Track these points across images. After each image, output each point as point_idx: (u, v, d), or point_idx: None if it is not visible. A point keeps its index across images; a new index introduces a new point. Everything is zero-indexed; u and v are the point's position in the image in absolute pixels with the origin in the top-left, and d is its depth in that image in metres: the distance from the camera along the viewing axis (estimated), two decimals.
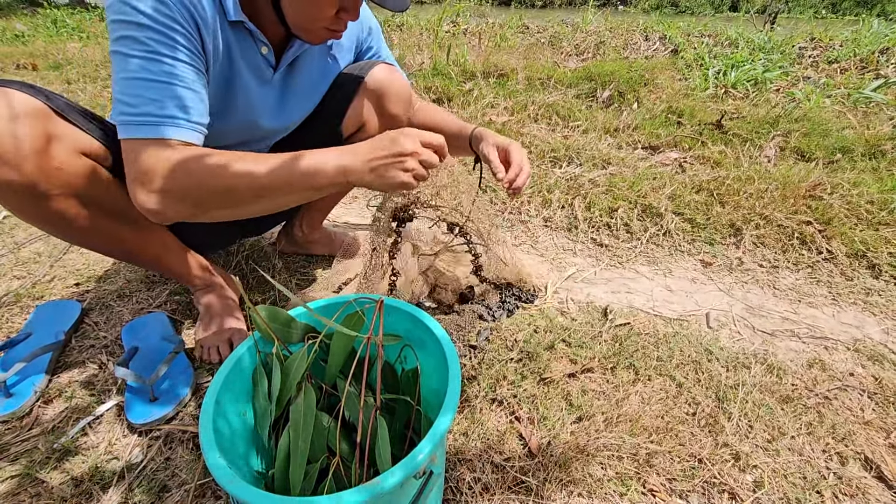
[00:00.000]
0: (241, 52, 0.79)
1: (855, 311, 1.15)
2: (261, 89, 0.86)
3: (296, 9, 0.75)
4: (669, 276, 1.28)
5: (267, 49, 0.82)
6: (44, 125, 0.70)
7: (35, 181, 0.71)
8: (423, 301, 1.14)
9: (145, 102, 0.66)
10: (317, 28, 0.77)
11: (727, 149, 1.87)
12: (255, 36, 0.79)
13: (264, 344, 0.61)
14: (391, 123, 1.07)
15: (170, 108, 0.67)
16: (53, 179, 0.72)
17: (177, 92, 0.68)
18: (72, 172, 0.74)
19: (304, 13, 0.75)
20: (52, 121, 0.72)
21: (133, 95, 0.66)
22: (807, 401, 0.89)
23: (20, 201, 0.74)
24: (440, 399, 0.55)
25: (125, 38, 0.65)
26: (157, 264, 0.96)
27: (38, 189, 0.72)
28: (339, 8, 0.74)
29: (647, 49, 3.23)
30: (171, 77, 0.67)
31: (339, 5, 0.74)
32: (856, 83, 2.44)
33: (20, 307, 1.11)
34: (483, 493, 0.72)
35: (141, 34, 0.65)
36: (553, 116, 2.23)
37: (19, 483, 0.73)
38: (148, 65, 0.66)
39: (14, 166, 0.68)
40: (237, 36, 0.78)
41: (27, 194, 0.72)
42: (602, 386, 0.91)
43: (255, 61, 0.82)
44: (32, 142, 0.69)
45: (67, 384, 0.91)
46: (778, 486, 0.74)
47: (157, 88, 0.66)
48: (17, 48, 3.98)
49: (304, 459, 0.54)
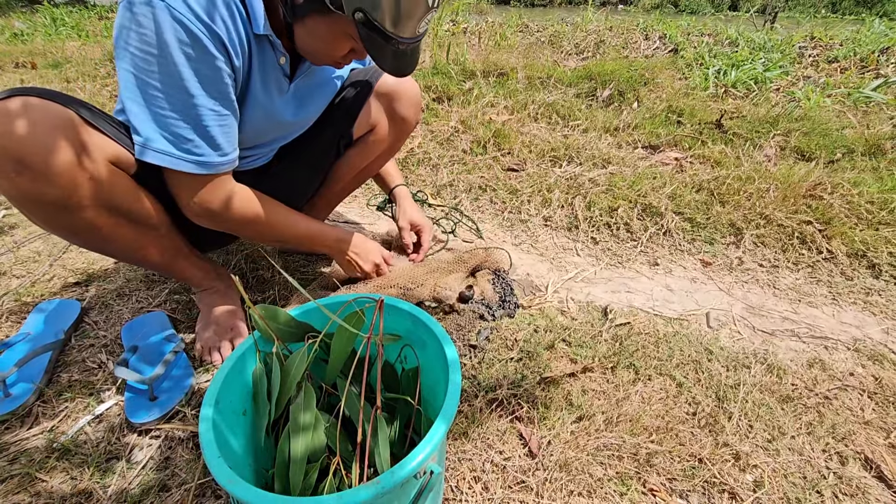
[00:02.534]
0: (261, 63, 0.80)
1: (855, 310, 1.15)
2: (276, 97, 0.87)
3: (306, 41, 0.78)
4: (669, 276, 1.28)
5: (285, 59, 0.83)
6: (76, 136, 0.69)
7: (69, 194, 0.70)
8: (424, 301, 1.14)
9: (185, 141, 0.73)
10: (324, 59, 0.82)
11: (727, 148, 1.87)
12: (275, 47, 0.80)
13: (264, 344, 0.61)
14: (401, 126, 1.09)
15: (212, 146, 0.76)
16: (86, 191, 0.72)
17: (216, 131, 0.75)
18: (103, 182, 0.74)
19: (317, 49, 0.79)
20: (84, 130, 0.71)
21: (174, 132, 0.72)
22: (807, 400, 0.89)
23: (51, 214, 0.74)
24: (440, 399, 0.54)
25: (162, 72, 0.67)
26: (167, 267, 0.97)
27: (71, 201, 0.71)
28: (350, 49, 0.78)
29: (647, 48, 3.22)
30: (212, 114, 0.74)
31: (349, 47, 0.78)
32: (856, 83, 2.44)
33: (20, 306, 1.11)
34: (483, 493, 0.72)
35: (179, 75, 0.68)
36: (553, 115, 2.23)
37: (19, 483, 0.73)
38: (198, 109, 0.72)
39: (48, 180, 0.68)
40: (259, 48, 0.78)
41: (59, 207, 0.72)
42: (602, 385, 0.91)
43: (273, 72, 0.83)
44: (66, 154, 0.68)
45: (67, 383, 0.91)
46: (778, 486, 0.74)
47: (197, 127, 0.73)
48: (16, 47, 3.97)
49: (304, 459, 0.54)
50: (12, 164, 0.66)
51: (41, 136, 0.66)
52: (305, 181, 1.11)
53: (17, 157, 0.65)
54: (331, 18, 0.72)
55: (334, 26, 0.74)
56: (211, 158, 0.76)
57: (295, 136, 1.01)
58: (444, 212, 1.60)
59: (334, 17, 0.71)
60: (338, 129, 1.06)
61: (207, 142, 0.75)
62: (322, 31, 0.75)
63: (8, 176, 0.67)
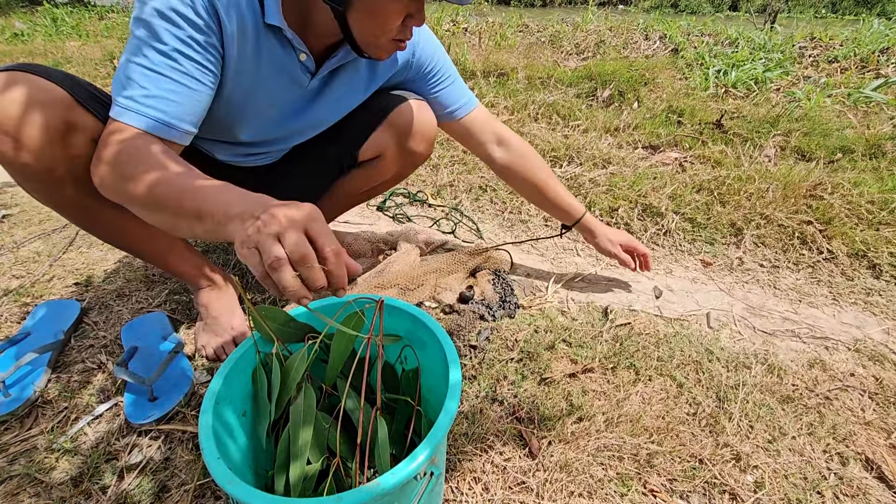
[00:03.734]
0: (272, 56, 0.78)
1: (855, 311, 1.15)
2: (290, 93, 0.86)
3: (363, 25, 0.74)
4: (670, 276, 1.28)
5: (306, 56, 0.81)
6: (65, 114, 0.71)
7: (51, 167, 0.72)
8: (424, 301, 1.14)
9: (138, 88, 0.65)
10: (384, 42, 0.77)
11: (727, 148, 1.86)
12: (293, 43, 0.78)
13: (264, 344, 0.60)
14: (410, 159, 1.08)
15: (159, 103, 0.66)
16: (69, 167, 0.74)
17: (170, 87, 0.67)
18: (88, 161, 0.73)
19: (372, 27, 0.75)
20: (74, 110, 0.72)
21: (129, 79, 0.65)
22: (807, 401, 0.89)
23: (37, 184, 0.76)
24: (441, 399, 0.54)
25: (141, 20, 0.65)
26: (162, 261, 0.96)
27: (54, 175, 0.73)
28: (406, 14, 0.74)
29: (647, 48, 3.22)
30: (171, 70, 0.67)
31: (405, 12, 0.74)
32: (856, 83, 2.44)
33: (19, 306, 1.11)
34: (483, 494, 0.72)
35: (156, 22, 0.65)
36: (553, 116, 2.22)
37: (19, 483, 0.73)
38: (150, 52, 0.65)
39: (31, 151, 0.70)
40: (272, 40, 0.77)
41: (43, 179, 0.74)
42: (602, 386, 0.91)
43: (289, 66, 0.81)
44: (51, 130, 0.70)
45: (67, 384, 0.91)
46: (778, 487, 0.74)
47: (152, 79, 0.65)
48: (17, 47, 3.97)
49: (304, 460, 0.54)
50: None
51: (24, 110, 0.67)
52: (302, 194, 1.11)
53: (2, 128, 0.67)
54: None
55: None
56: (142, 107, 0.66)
57: (306, 138, 0.99)
58: (445, 212, 1.60)
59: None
60: (342, 149, 1.05)
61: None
62: (370, 3, 0.71)
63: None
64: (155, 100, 0.66)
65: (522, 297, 1.16)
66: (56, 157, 0.72)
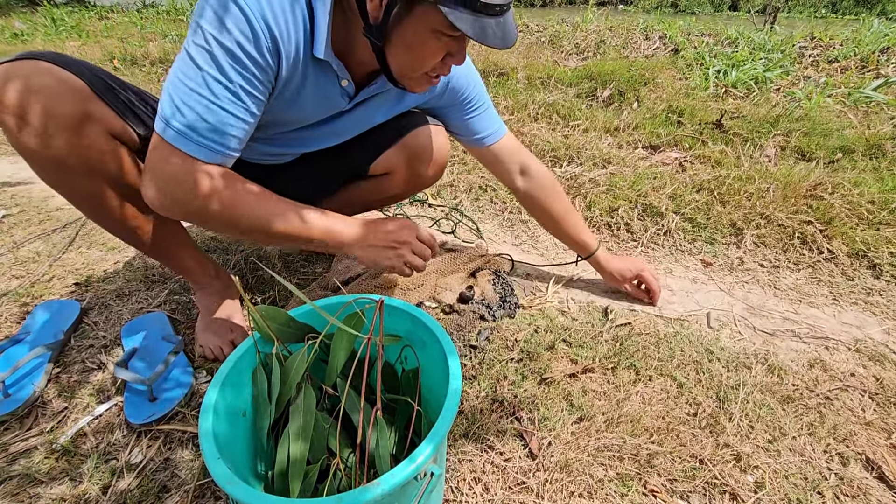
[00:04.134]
0: (316, 82, 0.79)
1: (856, 311, 1.15)
2: (324, 113, 0.87)
3: (401, 60, 0.74)
4: (670, 276, 1.28)
5: (347, 82, 0.81)
6: (81, 105, 0.72)
7: (63, 157, 0.73)
8: (424, 301, 1.14)
9: (200, 121, 0.67)
10: (420, 76, 0.77)
11: (728, 148, 1.86)
12: (337, 71, 0.79)
13: (264, 344, 0.60)
14: (418, 181, 1.10)
15: (218, 136, 0.69)
16: (82, 157, 0.74)
17: (230, 121, 0.69)
18: (101, 152, 0.76)
19: (411, 62, 0.75)
20: (90, 101, 0.73)
21: (191, 108, 0.66)
22: (808, 401, 0.89)
23: (50, 172, 0.77)
24: (441, 400, 0.54)
25: (206, 50, 0.64)
26: (167, 257, 0.96)
27: (66, 164, 0.74)
28: (446, 53, 0.74)
29: (647, 48, 3.22)
30: (233, 105, 0.68)
31: (445, 51, 0.73)
32: (856, 82, 2.44)
33: (19, 306, 1.11)
34: (483, 494, 0.72)
35: (223, 57, 0.65)
36: (553, 115, 2.22)
37: (19, 483, 0.73)
38: (216, 86, 0.66)
39: (44, 139, 0.71)
40: (318, 69, 0.77)
41: (56, 168, 0.75)
42: (603, 386, 0.91)
43: (330, 91, 0.82)
44: (66, 119, 0.71)
45: (66, 384, 0.91)
46: (779, 487, 0.74)
47: (215, 112, 0.67)
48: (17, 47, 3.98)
49: (303, 460, 0.54)
50: (15, 119, 0.69)
51: (44, 98, 0.69)
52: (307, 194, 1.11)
53: (19, 112, 0.69)
54: (415, 17, 0.68)
55: (420, 25, 0.69)
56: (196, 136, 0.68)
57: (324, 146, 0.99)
58: (445, 212, 1.60)
59: (417, 12, 0.67)
60: (354, 161, 1.06)
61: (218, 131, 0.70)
62: (409, 39, 0.71)
63: (11, 129, 0.71)
64: (218, 134, 0.68)
65: (522, 297, 1.16)
66: (71, 147, 0.73)
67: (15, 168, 1.97)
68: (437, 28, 0.69)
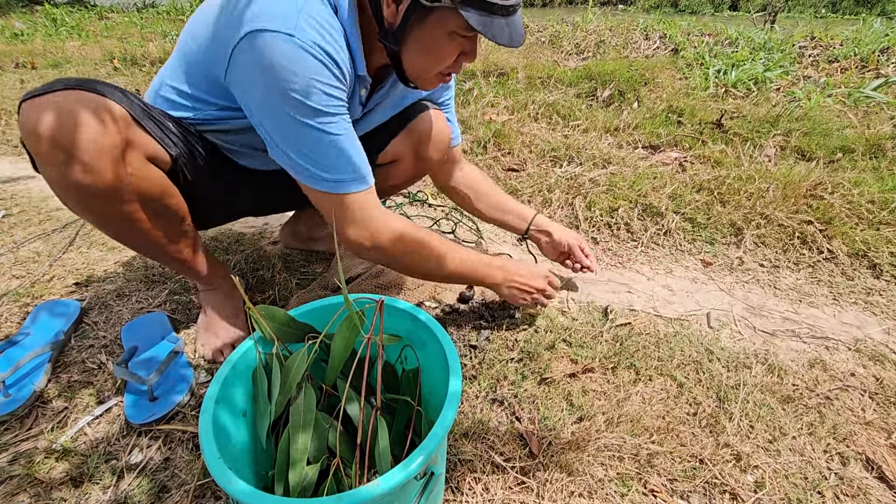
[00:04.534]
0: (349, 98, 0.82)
1: (856, 310, 1.15)
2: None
3: (418, 62, 0.78)
4: (670, 276, 1.28)
5: (365, 91, 0.85)
6: (125, 133, 0.73)
7: (112, 186, 0.74)
8: (424, 301, 1.14)
9: (342, 169, 0.76)
10: (435, 76, 0.81)
11: (728, 148, 1.86)
12: (364, 83, 0.83)
13: (264, 344, 0.60)
14: (423, 165, 1.12)
15: (361, 163, 0.79)
16: (126, 185, 0.75)
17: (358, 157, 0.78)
18: (142, 178, 0.77)
19: (426, 63, 0.78)
20: (131, 128, 0.75)
21: (331, 161, 0.75)
22: (808, 401, 0.89)
23: (92, 204, 0.78)
24: (441, 399, 0.54)
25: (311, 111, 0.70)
26: (183, 263, 0.96)
27: (112, 194, 0.75)
28: (460, 52, 0.77)
29: (647, 48, 3.22)
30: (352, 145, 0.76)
31: (459, 50, 0.77)
32: (856, 82, 2.44)
33: (19, 306, 1.11)
34: (483, 494, 0.72)
35: (326, 116, 0.72)
36: (553, 115, 2.22)
37: (19, 483, 0.73)
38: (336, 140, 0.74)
39: (95, 173, 0.71)
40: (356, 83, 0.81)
41: (101, 198, 0.75)
42: (603, 386, 0.91)
43: (354, 103, 0.85)
44: (113, 150, 0.72)
45: (67, 384, 0.91)
46: (779, 487, 0.74)
47: (348, 157, 0.76)
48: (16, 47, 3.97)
49: (303, 460, 0.54)
50: (63, 155, 0.69)
51: (90, 131, 0.69)
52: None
53: (67, 149, 0.69)
54: (432, 21, 0.72)
55: (437, 28, 0.72)
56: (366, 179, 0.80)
57: None
58: (445, 212, 1.60)
59: (435, 16, 0.71)
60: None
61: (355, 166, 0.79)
62: (426, 42, 0.74)
63: (58, 166, 0.70)
64: (363, 166, 0.79)
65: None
66: (116, 177, 0.74)
67: (15, 168, 1.97)
68: (453, 30, 0.72)
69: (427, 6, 0.70)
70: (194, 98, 0.80)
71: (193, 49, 0.77)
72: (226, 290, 1.02)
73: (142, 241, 0.89)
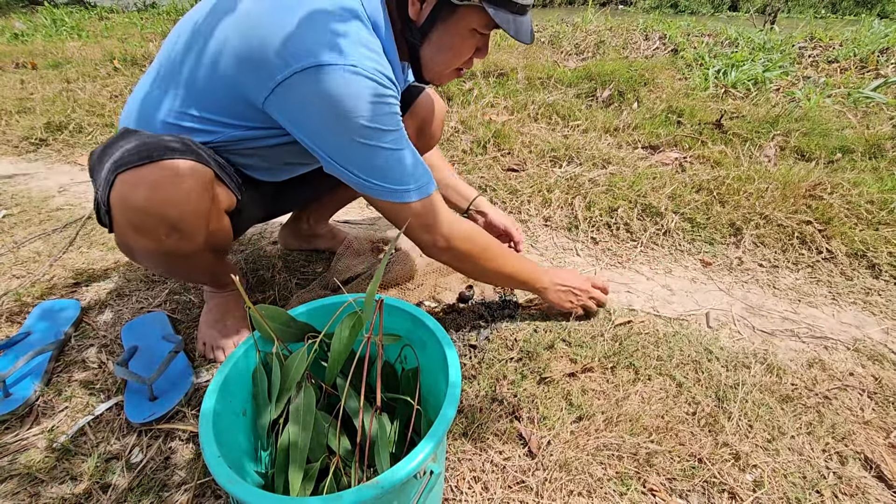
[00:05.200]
0: None
1: (855, 310, 1.15)
2: None
3: (438, 57, 0.82)
4: (669, 276, 1.28)
5: None
6: (214, 195, 0.76)
7: (198, 248, 0.77)
8: (424, 301, 1.14)
9: (412, 178, 0.78)
10: (450, 72, 0.85)
11: (727, 148, 1.87)
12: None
13: (264, 344, 0.61)
14: (427, 142, 1.16)
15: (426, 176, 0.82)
16: (208, 243, 0.79)
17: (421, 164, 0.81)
18: (219, 230, 0.81)
19: (445, 60, 0.82)
20: (217, 187, 0.78)
21: (403, 174, 0.77)
22: (807, 400, 0.89)
23: (173, 262, 0.81)
24: (440, 399, 0.55)
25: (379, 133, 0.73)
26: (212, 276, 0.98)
27: (195, 253, 0.78)
28: (476, 48, 0.82)
29: (647, 48, 3.22)
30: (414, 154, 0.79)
31: (476, 46, 0.82)
32: (856, 83, 2.44)
33: (19, 306, 1.11)
34: (483, 493, 0.72)
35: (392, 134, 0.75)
36: (553, 116, 2.23)
37: (19, 483, 0.73)
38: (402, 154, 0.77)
39: (190, 239, 0.75)
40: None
41: (183, 258, 0.79)
42: (602, 385, 0.91)
43: None
44: (207, 214, 0.75)
45: (67, 383, 0.91)
46: (778, 486, 0.74)
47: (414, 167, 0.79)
48: (17, 47, 3.97)
49: (303, 459, 0.54)
50: (166, 227, 0.72)
51: (193, 202, 0.72)
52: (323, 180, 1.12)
53: (172, 222, 0.71)
54: (457, 18, 0.76)
55: (460, 25, 0.77)
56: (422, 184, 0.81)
57: None
58: None
59: (460, 14, 0.75)
60: None
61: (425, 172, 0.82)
62: (449, 38, 0.78)
63: (158, 238, 0.72)
64: (426, 171, 0.81)
65: (522, 296, 1.17)
66: (206, 237, 0.77)
67: (15, 168, 1.97)
68: (474, 27, 0.77)
69: (455, 4, 0.74)
70: (216, 122, 0.78)
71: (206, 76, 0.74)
72: (230, 290, 1.03)
73: (190, 274, 0.92)
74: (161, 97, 0.78)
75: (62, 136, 2.21)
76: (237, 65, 0.71)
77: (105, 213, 0.72)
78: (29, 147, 2.15)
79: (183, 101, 0.76)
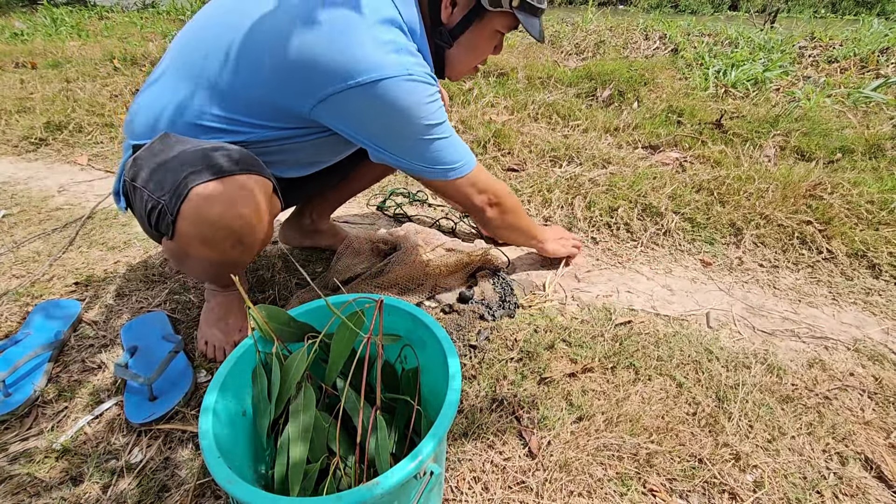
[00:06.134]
0: None
1: (855, 310, 1.15)
2: None
3: (464, 57, 0.90)
4: (669, 276, 1.28)
5: None
6: (273, 205, 0.79)
7: (255, 255, 0.80)
8: (424, 301, 1.14)
9: (462, 155, 0.90)
10: (470, 69, 0.94)
11: (727, 148, 1.86)
12: None
13: (264, 343, 0.60)
14: None
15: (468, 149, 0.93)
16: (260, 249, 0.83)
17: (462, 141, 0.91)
18: (268, 236, 0.83)
19: (469, 59, 0.91)
20: (274, 197, 0.80)
21: (456, 154, 0.88)
22: (807, 401, 0.89)
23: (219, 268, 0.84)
24: (440, 399, 0.54)
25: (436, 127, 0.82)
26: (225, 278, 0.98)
27: (251, 260, 0.83)
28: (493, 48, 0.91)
29: (647, 48, 3.22)
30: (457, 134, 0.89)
31: (495, 44, 0.90)
32: (856, 83, 2.44)
33: (19, 306, 1.11)
34: (483, 493, 0.72)
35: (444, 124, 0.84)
36: (553, 115, 2.22)
37: (19, 483, 0.73)
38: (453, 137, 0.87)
39: (250, 250, 0.78)
40: None
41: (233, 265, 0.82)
42: (602, 386, 0.91)
43: None
44: (268, 227, 0.78)
45: (66, 383, 0.91)
46: (778, 486, 0.74)
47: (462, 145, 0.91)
48: (16, 46, 3.97)
49: (303, 459, 0.54)
50: (233, 241, 0.74)
51: (260, 216, 0.75)
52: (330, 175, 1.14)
53: (239, 236, 0.74)
54: (485, 21, 0.84)
55: (487, 28, 0.85)
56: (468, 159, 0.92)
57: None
58: (445, 212, 1.60)
59: (488, 18, 0.84)
60: None
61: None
62: (476, 40, 0.87)
63: (224, 250, 0.75)
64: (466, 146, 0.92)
65: (522, 296, 1.17)
66: (260, 247, 0.79)
67: (15, 168, 1.97)
68: (498, 28, 0.85)
69: (488, 10, 0.82)
70: (244, 123, 0.79)
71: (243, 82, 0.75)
72: (229, 292, 1.03)
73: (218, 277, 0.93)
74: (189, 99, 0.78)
75: (62, 136, 2.21)
76: (277, 74, 0.73)
77: (171, 223, 0.71)
78: (28, 147, 2.15)
79: (216, 102, 0.77)
